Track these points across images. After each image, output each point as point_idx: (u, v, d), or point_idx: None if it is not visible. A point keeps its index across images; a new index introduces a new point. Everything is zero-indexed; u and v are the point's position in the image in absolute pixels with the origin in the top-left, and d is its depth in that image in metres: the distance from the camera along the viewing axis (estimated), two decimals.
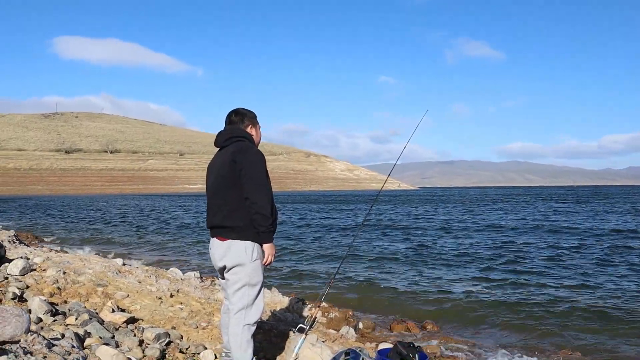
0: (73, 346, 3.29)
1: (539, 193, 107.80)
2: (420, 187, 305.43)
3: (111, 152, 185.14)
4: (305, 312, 6.64)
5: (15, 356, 2.22)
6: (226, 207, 3.61)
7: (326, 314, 7.11)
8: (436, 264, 12.90)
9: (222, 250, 3.65)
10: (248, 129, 3.87)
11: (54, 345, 2.99)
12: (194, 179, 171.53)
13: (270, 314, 6.18)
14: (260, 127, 3.99)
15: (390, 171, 6.26)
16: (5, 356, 1.97)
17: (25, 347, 2.54)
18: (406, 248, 15.92)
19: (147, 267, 9.20)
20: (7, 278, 5.99)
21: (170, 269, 9.71)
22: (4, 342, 2.51)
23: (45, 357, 2.53)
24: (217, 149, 3.89)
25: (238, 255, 3.59)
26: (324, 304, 6.88)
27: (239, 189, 3.56)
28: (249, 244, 3.60)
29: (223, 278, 3.82)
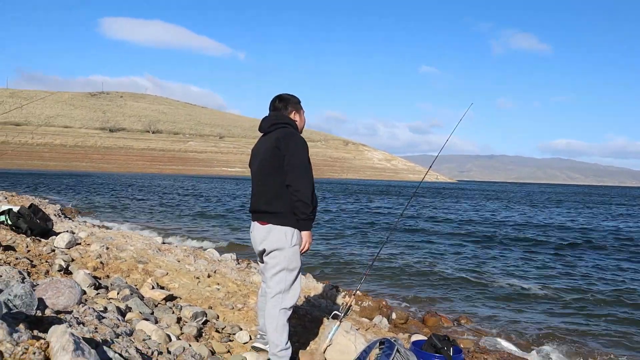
0: (119, 319, 3.40)
1: (587, 192, 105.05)
2: (458, 180, 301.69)
3: (153, 133, 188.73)
4: (339, 300, 6.67)
5: (69, 325, 2.31)
6: (269, 193, 3.65)
7: (360, 302, 7.12)
8: (483, 257, 12.77)
9: (262, 234, 3.70)
10: (292, 115, 3.87)
11: (103, 317, 3.09)
12: (232, 162, 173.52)
13: (304, 300, 6.23)
14: (304, 112, 4.00)
15: (431, 163, 6.20)
16: (61, 324, 2.05)
17: (78, 318, 2.64)
18: (450, 244, 15.79)
19: (186, 247, 9.39)
20: (53, 250, 6.19)
21: (208, 250, 9.89)
22: (59, 312, 2.61)
23: (96, 328, 2.62)
24: (261, 135, 3.92)
25: (278, 240, 3.63)
26: (358, 292, 6.89)
27: (282, 176, 3.59)
28: (288, 229, 3.63)
29: (262, 262, 3.87)
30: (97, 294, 4.70)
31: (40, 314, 2.41)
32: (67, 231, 7.88)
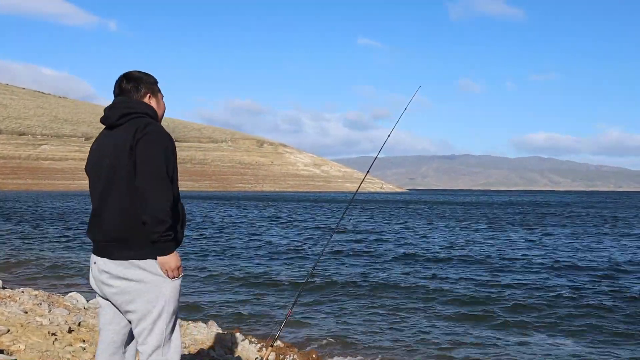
0: None
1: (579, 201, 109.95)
2: (409, 189, 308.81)
3: None
4: (253, 354, 6.67)
5: None
6: (123, 214, 3.57)
7: (282, 356, 7.15)
8: (425, 286, 13.12)
9: (117, 272, 3.63)
10: (147, 100, 3.80)
11: None
12: None
13: (205, 356, 6.19)
14: (163, 96, 3.95)
15: (369, 167, 6.32)
16: None
17: None
18: (381, 271, 16.10)
19: (36, 292, 9.09)
20: None
21: (70, 294, 9.62)
22: None
23: None
24: (105, 127, 3.79)
25: (145, 277, 3.59)
26: (278, 342, 6.90)
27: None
28: (155, 262, 3.60)
29: (122, 311, 3.80)
30: None
31: None
32: None
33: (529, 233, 30.46)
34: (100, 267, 3.65)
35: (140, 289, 3.57)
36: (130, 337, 3.80)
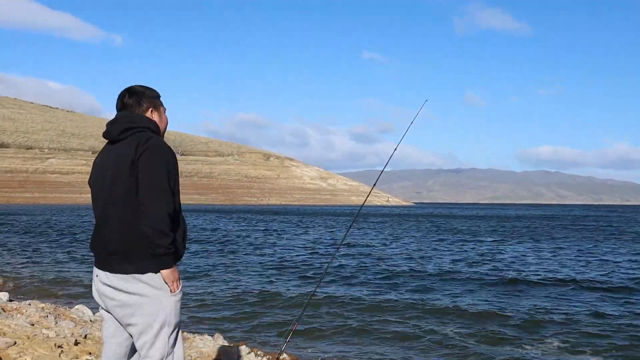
0: None
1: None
2: (415, 203, 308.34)
3: None
4: None
5: None
6: (125, 228, 3.59)
7: None
8: (437, 302, 13.07)
9: (118, 286, 3.65)
10: (149, 114, 3.84)
11: None
12: None
13: None
14: (165, 110, 3.98)
15: (375, 180, 6.34)
16: None
17: None
18: (394, 279, 16.06)
19: (43, 305, 9.11)
20: None
21: (76, 307, 9.63)
22: None
23: None
24: (107, 142, 3.83)
25: (145, 292, 3.61)
26: (284, 355, 6.90)
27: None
28: (157, 276, 3.62)
29: (124, 323, 3.82)
30: None
31: None
32: None
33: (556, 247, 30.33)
34: (102, 280, 3.68)
35: (142, 302, 3.59)
36: (134, 349, 3.81)
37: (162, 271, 3.60)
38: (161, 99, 3.97)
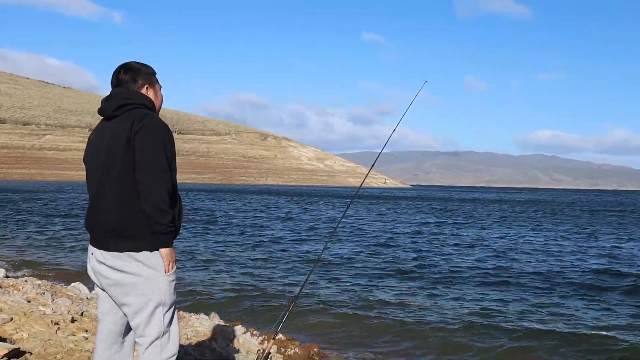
0: None
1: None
2: (412, 185, 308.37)
3: None
4: (254, 346, 6.67)
5: None
6: (120, 205, 3.58)
7: (283, 349, 7.15)
8: (433, 282, 13.10)
9: (114, 265, 3.64)
10: (144, 91, 3.81)
11: None
12: None
13: (206, 347, 6.20)
14: (161, 87, 3.95)
15: (373, 162, 6.32)
16: None
17: None
18: (390, 261, 16.10)
19: (39, 281, 9.12)
20: None
21: (73, 284, 9.64)
22: None
23: None
24: (102, 118, 3.80)
25: (140, 270, 3.59)
26: (280, 335, 6.91)
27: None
28: (153, 254, 3.61)
29: (119, 303, 3.81)
30: None
31: None
32: None
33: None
34: (97, 258, 3.66)
35: (136, 282, 3.58)
36: (129, 327, 3.81)
37: (161, 249, 3.59)
38: (157, 76, 3.95)
